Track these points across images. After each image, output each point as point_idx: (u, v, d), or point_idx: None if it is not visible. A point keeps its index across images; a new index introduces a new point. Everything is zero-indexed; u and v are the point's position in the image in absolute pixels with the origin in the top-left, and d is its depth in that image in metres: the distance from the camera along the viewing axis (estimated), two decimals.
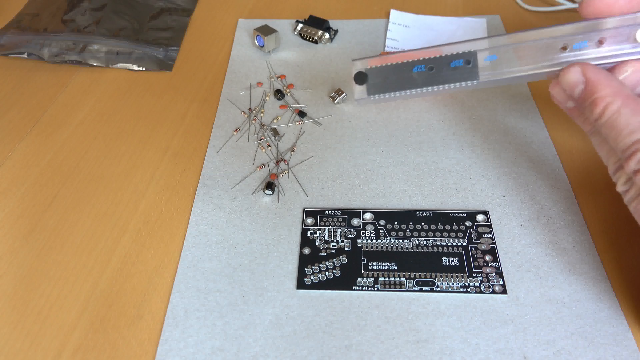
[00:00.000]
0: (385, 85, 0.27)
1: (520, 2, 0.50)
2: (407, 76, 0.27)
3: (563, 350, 0.26)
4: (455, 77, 0.27)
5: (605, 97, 0.23)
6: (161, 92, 0.42)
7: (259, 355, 0.26)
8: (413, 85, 0.27)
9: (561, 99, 0.26)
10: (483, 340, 0.26)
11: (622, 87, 0.24)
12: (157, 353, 0.26)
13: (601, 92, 0.24)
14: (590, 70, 0.24)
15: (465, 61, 0.27)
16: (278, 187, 0.34)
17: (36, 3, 0.49)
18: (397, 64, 0.27)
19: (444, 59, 0.27)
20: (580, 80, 0.25)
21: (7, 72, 0.44)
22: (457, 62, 0.27)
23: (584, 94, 0.25)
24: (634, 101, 0.23)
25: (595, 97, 0.24)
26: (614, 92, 0.23)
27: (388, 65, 0.27)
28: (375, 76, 0.27)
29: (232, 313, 0.28)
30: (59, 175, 0.35)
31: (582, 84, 0.25)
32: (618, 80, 0.24)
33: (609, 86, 0.24)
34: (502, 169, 0.35)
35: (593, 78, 0.24)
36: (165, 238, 0.32)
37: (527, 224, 0.31)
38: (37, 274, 0.30)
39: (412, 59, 0.27)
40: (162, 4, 0.50)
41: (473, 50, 0.27)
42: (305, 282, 0.29)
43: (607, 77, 0.24)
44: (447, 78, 0.27)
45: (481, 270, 0.29)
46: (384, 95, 0.27)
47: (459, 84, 0.27)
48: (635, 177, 0.23)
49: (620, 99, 0.23)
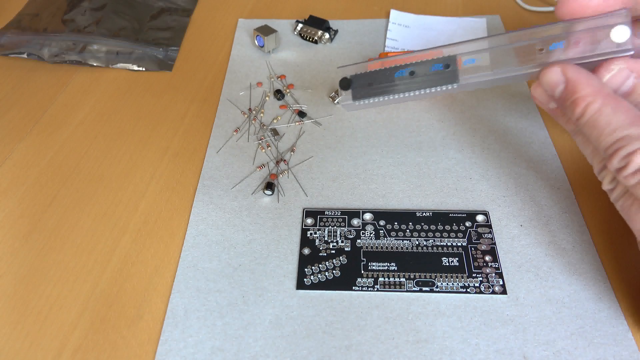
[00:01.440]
0: (369, 91, 0.27)
1: (520, 2, 0.50)
2: (390, 81, 0.27)
3: (563, 350, 0.26)
4: (436, 81, 0.27)
5: (586, 96, 0.23)
6: (161, 92, 0.42)
7: (258, 355, 0.26)
8: (396, 90, 0.27)
9: (543, 100, 0.26)
10: (483, 340, 0.26)
11: (603, 86, 0.24)
12: (156, 353, 0.26)
13: (582, 92, 0.23)
14: (571, 70, 0.24)
15: (445, 65, 0.27)
16: (278, 187, 0.34)
17: (36, 3, 0.49)
18: (380, 70, 0.28)
19: (424, 64, 0.27)
20: (560, 80, 0.25)
21: (7, 72, 0.44)
22: (437, 66, 0.27)
23: (564, 94, 0.24)
24: (615, 100, 0.23)
25: (575, 96, 0.24)
26: (595, 91, 0.23)
27: (371, 72, 0.27)
28: (360, 82, 0.28)
29: (232, 313, 0.28)
30: (59, 175, 0.35)
31: (562, 84, 0.25)
32: (598, 80, 0.24)
33: (589, 85, 0.24)
34: (502, 169, 0.35)
35: (573, 78, 0.24)
36: (165, 238, 0.32)
37: (527, 224, 0.31)
38: (37, 274, 0.30)
39: (394, 64, 0.28)
40: (162, 4, 0.50)
41: (452, 55, 0.27)
42: (305, 283, 0.29)
43: (588, 77, 0.24)
44: (428, 82, 0.27)
45: (481, 270, 0.29)
46: (369, 100, 0.28)
47: (439, 87, 0.27)
48: (618, 175, 0.23)
49: (600, 98, 0.23)
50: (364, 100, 0.27)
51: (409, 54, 0.28)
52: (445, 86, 0.27)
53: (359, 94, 0.27)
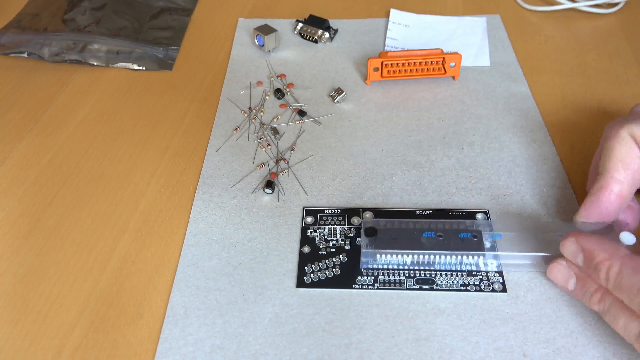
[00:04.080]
0: (392, 244, 0.29)
1: (521, 2, 0.50)
2: (416, 239, 0.29)
3: (563, 348, 0.26)
4: (463, 246, 0.29)
5: (604, 261, 0.25)
6: (161, 91, 0.42)
7: (258, 353, 0.26)
8: (421, 248, 0.29)
9: (562, 278, 0.27)
10: (483, 338, 0.26)
11: (617, 248, 0.25)
12: (157, 351, 0.26)
13: (599, 257, 0.25)
14: (583, 238, 0.26)
15: (473, 235, 0.29)
16: (278, 186, 0.34)
17: (36, 3, 0.49)
18: (407, 228, 0.29)
19: (454, 230, 0.29)
20: (578, 249, 0.26)
21: (7, 72, 0.44)
22: (466, 234, 0.29)
23: (585, 261, 0.26)
24: (632, 260, 0.24)
25: (595, 262, 0.25)
26: (610, 255, 0.25)
27: (399, 229, 0.29)
28: (385, 234, 0.29)
29: (232, 311, 0.28)
30: (59, 175, 0.35)
31: (580, 252, 0.26)
32: (612, 243, 0.25)
33: (604, 250, 0.25)
34: (502, 168, 0.35)
35: (586, 245, 0.26)
36: (165, 237, 0.32)
37: (527, 223, 0.31)
38: (37, 273, 0.30)
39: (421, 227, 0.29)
40: (162, 3, 0.50)
41: (478, 229, 0.29)
42: (305, 281, 0.29)
43: (601, 242, 0.25)
44: (455, 246, 0.29)
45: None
46: (389, 252, 0.29)
47: (465, 253, 0.29)
48: None
49: (618, 261, 0.24)
50: (386, 251, 0.29)
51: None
52: (472, 253, 0.29)
53: (382, 244, 0.29)
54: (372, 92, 0.41)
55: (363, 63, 0.44)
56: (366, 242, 0.29)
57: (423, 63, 0.40)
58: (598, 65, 0.43)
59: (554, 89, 0.41)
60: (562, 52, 0.45)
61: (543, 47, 0.45)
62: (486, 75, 0.42)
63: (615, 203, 0.28)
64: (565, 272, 0.27)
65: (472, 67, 0.43)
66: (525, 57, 0.44)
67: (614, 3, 0.49)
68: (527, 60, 0.44)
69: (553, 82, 0.42)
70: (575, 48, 0.45)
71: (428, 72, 0.41)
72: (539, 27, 0.47)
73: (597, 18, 0.48)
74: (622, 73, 0.42)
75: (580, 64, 0.43)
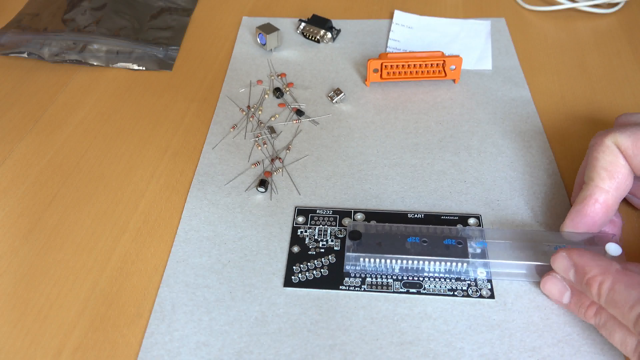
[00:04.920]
0: (376, 248, 0.29)
1: (521, 2, 0.49)
2: (401, 244, 0.29)
3: (549, 357, 0.26)
4: (447, 252, 0.28)
5: (596, 276, 0.24)
6: (161, 91, 0.42)
7: (242, 351, 0.26)
8: (405, 253, 0.28)
9: (556, 292, 0.27)
10: (468, 344, 0.26)
11: (610, 264, 0.24)
12: (141, 346, 0.26)
13: (590, 273, 0.24)
14: (574, 254, 0.25)
15: (457, 242, 0.29)
16: (271, 185, 0.34)
17: (36, 3, 0.50)
18: (392, 233, 0.29)
19: (438, 236, 0.29)
20: (569, 264, 0.26)
21: (7, 72, 0.44)
22: (451, 240, 0.29)
23: (577, 277, 0.25)
24: (624, 276, 0.23)
25: (586, 277, 0.25)
26: (603, 270, 0.24)
27: (383, 233, 0.29)
28: (370, 238, 0.29)
29: (219, 309, 0.28)
30: (59, 175, 0.36)
31: (572, 267, 0.26)
32: (603, 258, 0.25)
33: (596, 266, 0.24)
34: (497, 173, 0.34)
35: (578, 261, 0.25)
36: (165, 237, 0.32)
37: (520, 229, 0.31)
38: (37, 273, 0.30)
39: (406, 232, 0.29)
40: (162, 3, 0.50)
41: (464, 236, 0.29)
42: (293, 280, 0.29)
43: (593, 258, 0.25)
44: (440, 253, 0.28)
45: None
46: (373, 255, 0.29)
47: (449, 260, 0.28)
48: None
49: (610, 276, 0.24)
50: (368, 255, 0.29)
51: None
52: (456, 260, 0.28)
53: (366, 248, 0.29)
54: (371, 93, 0.41)
55: (364, 64, 0.43)
56: (350, 245, 0.29)
57: (423, 65, 0.40)
58: (598, 65, 0.43)
59: (554, 90, 0.41)
60: (562, 52, 0.44)
61: (543, 47, 0.45)
62: (488, 79, 0.42)
63: (600, 212, 0.27)
64: (560, 285, 0.27)
65: (474, 71, 0.43)
66: (526, 58, 0.44)
67: (614, 3, 0.48)
68: (527, 61, 0.43)
69: (553, 83, 0.41)
70: (576, 48, 0.45)
71: (428, 75, 0.41)
72: (539, 27, 0.47)
73: (597, 18, 0.48)
74: (622, 73, 0.42)
75: (580, 64, 0.43)
